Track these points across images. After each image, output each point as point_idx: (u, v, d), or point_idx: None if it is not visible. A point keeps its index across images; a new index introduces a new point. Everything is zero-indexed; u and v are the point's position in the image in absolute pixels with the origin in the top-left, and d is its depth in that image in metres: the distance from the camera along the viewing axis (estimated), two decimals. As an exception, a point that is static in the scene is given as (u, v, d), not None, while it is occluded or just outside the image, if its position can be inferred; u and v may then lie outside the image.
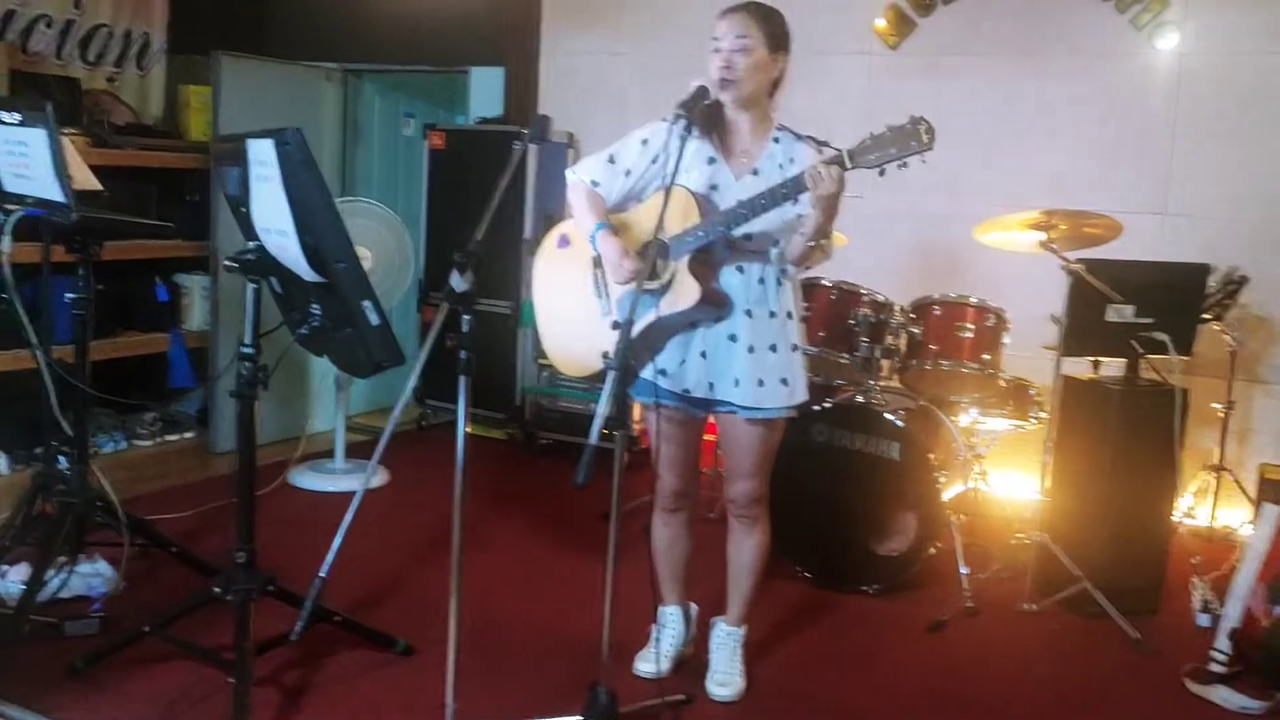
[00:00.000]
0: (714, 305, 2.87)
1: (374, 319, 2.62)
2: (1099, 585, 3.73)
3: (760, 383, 2.88)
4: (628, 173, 2.98)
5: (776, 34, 2.86)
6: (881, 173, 2.68)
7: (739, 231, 2.83)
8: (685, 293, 2.82)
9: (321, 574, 2.50)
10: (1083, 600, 3.77)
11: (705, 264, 2.87)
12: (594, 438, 2.39)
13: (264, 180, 2.64)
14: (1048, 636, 3.70)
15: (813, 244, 2.79)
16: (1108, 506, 3.81)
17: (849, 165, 2.65)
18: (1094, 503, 3.84)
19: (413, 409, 6.15)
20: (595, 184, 2.99)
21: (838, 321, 4.07)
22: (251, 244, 2.84)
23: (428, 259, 5.89)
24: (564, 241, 3.15)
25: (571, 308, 3.10)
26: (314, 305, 2.80)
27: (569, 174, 3.05)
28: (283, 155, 2.53)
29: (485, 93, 6.19)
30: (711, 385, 2.92)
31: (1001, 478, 4.71)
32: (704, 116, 2.88)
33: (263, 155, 2.61)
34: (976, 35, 5.17)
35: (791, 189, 2.71)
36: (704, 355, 2.92)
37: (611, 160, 3.00)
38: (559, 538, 4.42)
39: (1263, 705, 3.18)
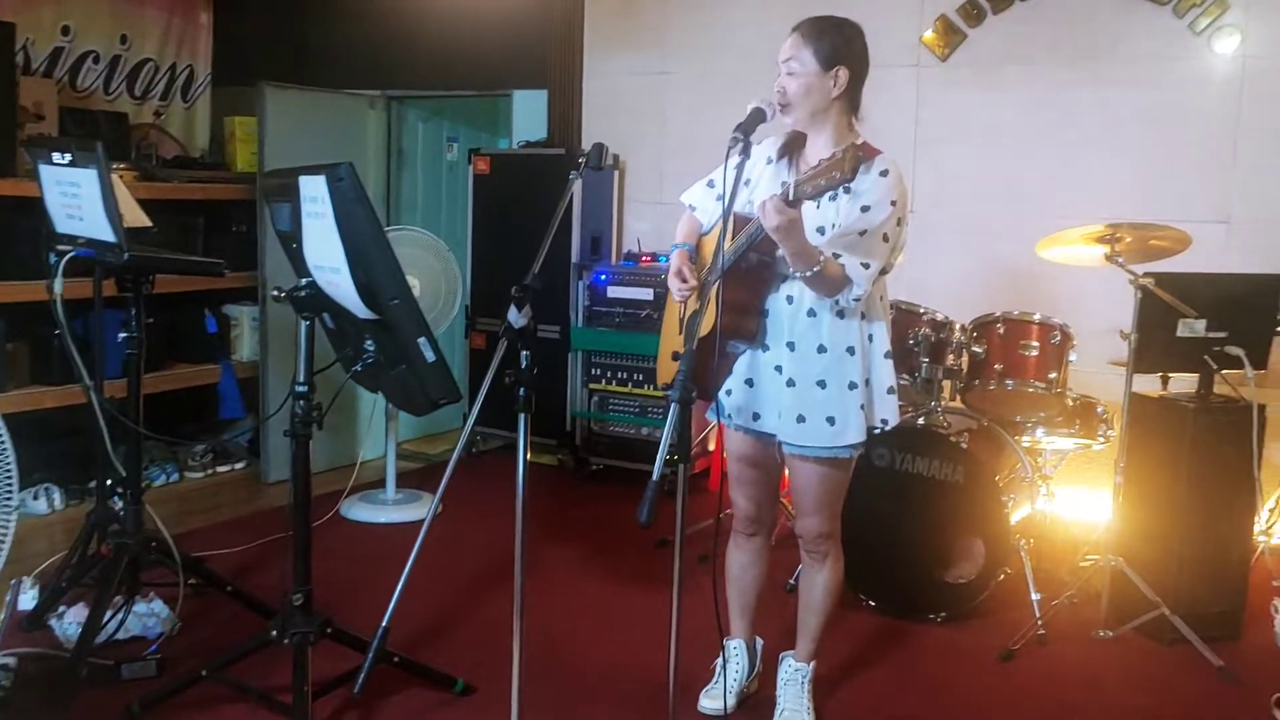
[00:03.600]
0: (736, 336, 2.78)
1: (429, 356, 2.56)
2: (1177, 610, 3.60)
3: (800, 418, 2.77)
4: (720, 197, 2.93)
5: (831, 49, 2.72)
6: (833, 197, 2.65)
7: (780, 252, 2.74)
8: (707, 319, 2.72)
9: (384, 623, 2.43)
10: (1161, 626, 3.64)
11: (744, 290, 2.77)
12: (658, 473, 2.31)
13: (316, 217, 2.60)
14: (1125, 665, 3.57)
15: (800, 275, 2.62)
16: (1184, 528, 3.68)
17: (791, 197, 2.50)
18: (1169, 524, 3.71)
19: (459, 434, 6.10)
20: (693, 208, 3.02)
21: (896, 342, 3.90)
22: (303, 280, 2.80)
23: (473, 285, 5.85)
24: None
25: (667, 326, 3.14)
26: (368, 342, 2.75)
27: (681, 198, 3.08)
28: (335, 192, 2.48)
29: (528, 116, 6.16)
30: (756, 415, 2.85)
31: (1069, 499, 4.58)
32: (789, 139, 2.86)
33: (315, 192, 2.57)
34: (1029, 44, 5.05)
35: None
36: (749, 383, 2.84)
37: (710, 184, 3.01)
38: (614, 566, 4.35)
39: (1359, 737, 3.04)
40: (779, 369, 2.80)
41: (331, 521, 4.76)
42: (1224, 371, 3.72)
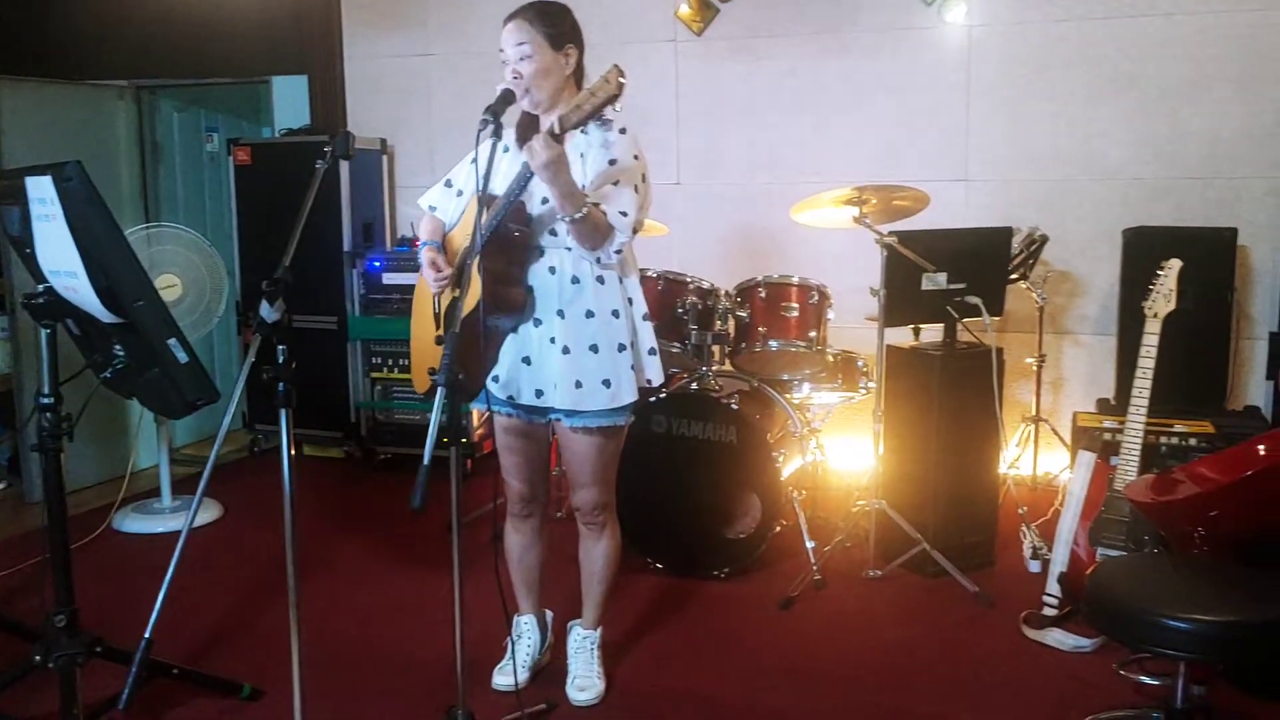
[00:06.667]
0: (505, 308, 2.82)
1: (182, 356, 2.50)
2: (937, 544, 3.88)
3: (578, 385, 2.84)
4: (460, 193, 3.00)
5: (558, 30, 2.81)
6: (585, 132, 2.73)
7: (536, 219, 2.80)
8: (472, 295, 2.76)
9: (146, 634, 2.35)
10: (923, 561, 3.90)
11: (507, 263, 2.82)
12: (428, 457, 2.33)
13: (46, 219, 2.48)
14: (893, 600, 3.82)
15: (569, 219, 2.68)
16: (938, 468, 3.95)
17: (558, 130, 2.57)
18: (925, 465, 3.97)
19: (243, 435, 5.93)
20: (433, 209, 3.04)
21: (667, 311, 4.09)
22: (40, 287, 2.67)
23: (243, 279, 5.66)
24: None
25: (419, 329, 3.08)
26: (116, 346, 2.65)
27: (419, 202, 3.11)
28: (63, 192, 2.37)
29: (289, 102, 5.99)
30: (539, 392, 2.89)
31: (839, 449, 4.84)
32: (523, 124, 2.88)
33: (42, 193, 2.45)
34: (778, 17, 5.27)
35: (527, 168, 2.66)
36: (526, 361, 2.88)
37: (448, 183, 3.04)
38: (406, 555, 4.33)
39: (1094, 642, 3.35)
40: (553, 340, 2.85)
41: (103, 536, 4.55)
42: (965, 320, 4.00)
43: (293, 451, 2.48)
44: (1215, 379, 4.59)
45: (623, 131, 2.81)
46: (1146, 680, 3.09)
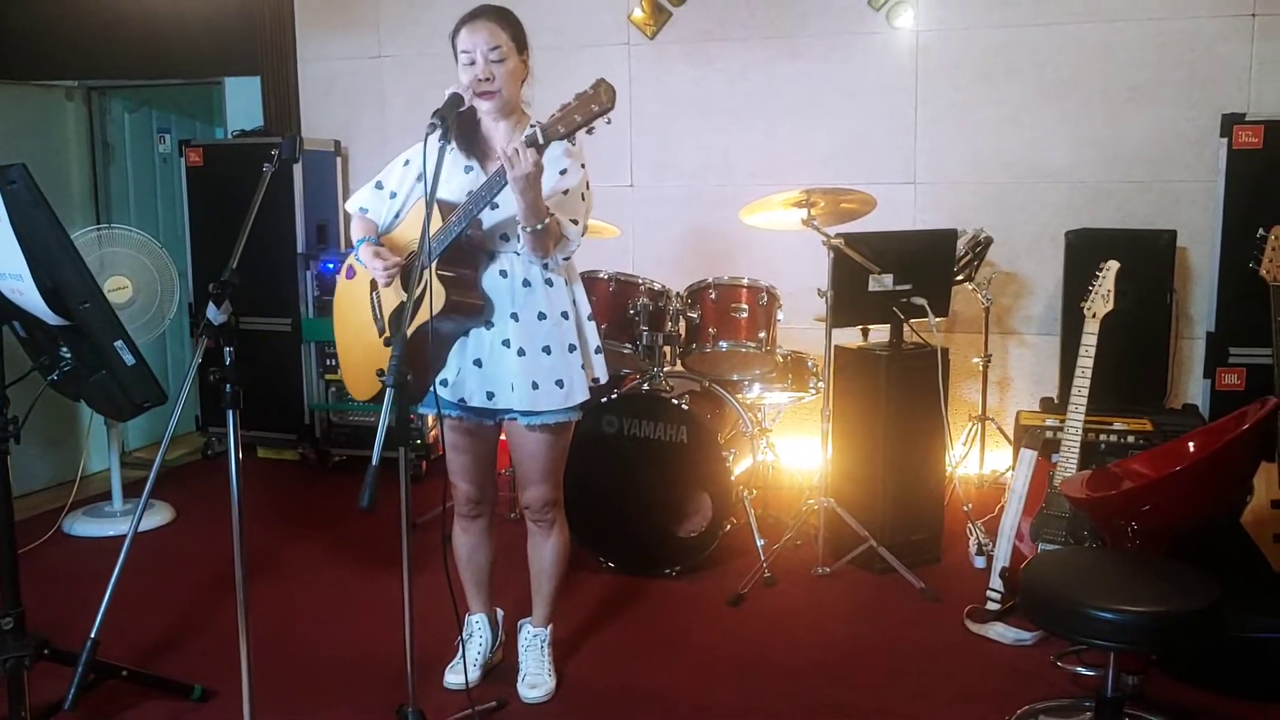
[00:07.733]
0: (465, 312, 2.85)
1: (129, 359, 2.51)
2: (884, 542, 3.94)
3: (535, 385, 2.88)
4: (393, 195, 3.01)
5: (520, 34, 2.86)
6: (573, 142, 2.71)
7: (489, 226, 2.83)
8: (436, 300, 2.79)
9: (92, 634, 2.36)
10: (871, 558, 3.97)
11: (461, 268, 2.84)
12: (376, 458, 2.36)
13: (-9, 222, 2.48)
14: (841, 596, 3.88)
15: (530, 229, 2.70)
16: (885, 466, 4.01)
17: (542, 141, 2.59)
18: (873, 464, 4.04)
19: (197, 438, 5.91)
20: (364, 210, 3.04)
21: (618, 312, 4.13)
22: (-15, 289, 2.67)
23: (196, 281, 5.64)
24: (350, 272, 3.11)
25: (356, 333, 3.07)
26: (63, 349, 2.65)
27: (347, 206, 3.12)
28: (8, 195, 2.38)
29: (243, 103, 5.97)
30: (491, 394, 2.92)
31: (790, 449, 4.90)
32: (461, 128, 2.87)
33: (-14, 196, 2.45)
34: (729, 21, 5.33)
35: (503, 176, 2.65)
36: (478, 363, 2.91)
37: (379, 185, 3.04)
38: (360, 557, 4.33)
39: (1034, 635, 3.43)
40: (506, 342, 2.88)
41: (53, 539, 4.52)
42: (911, 320, 4.07)
43: (239, 455, 2.50)
44: (1156, 378, 4.70)
45: (572, 140, 2.81)
46: (1083, 671, 3.17)
